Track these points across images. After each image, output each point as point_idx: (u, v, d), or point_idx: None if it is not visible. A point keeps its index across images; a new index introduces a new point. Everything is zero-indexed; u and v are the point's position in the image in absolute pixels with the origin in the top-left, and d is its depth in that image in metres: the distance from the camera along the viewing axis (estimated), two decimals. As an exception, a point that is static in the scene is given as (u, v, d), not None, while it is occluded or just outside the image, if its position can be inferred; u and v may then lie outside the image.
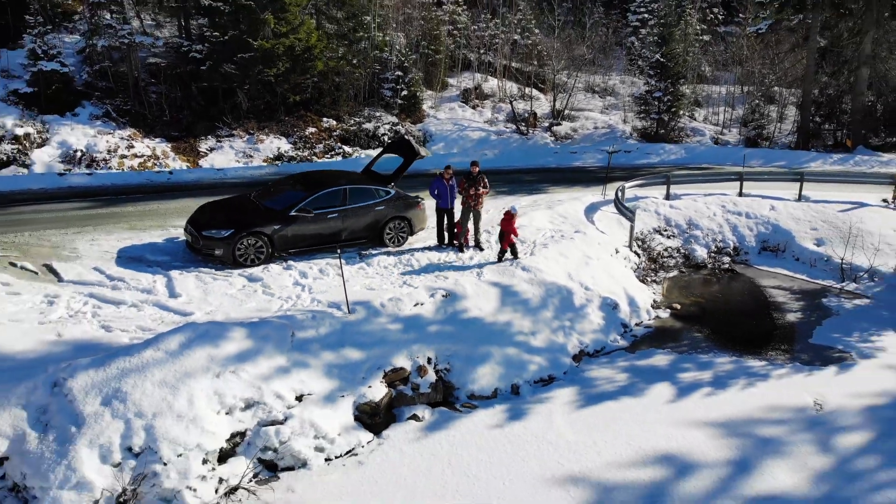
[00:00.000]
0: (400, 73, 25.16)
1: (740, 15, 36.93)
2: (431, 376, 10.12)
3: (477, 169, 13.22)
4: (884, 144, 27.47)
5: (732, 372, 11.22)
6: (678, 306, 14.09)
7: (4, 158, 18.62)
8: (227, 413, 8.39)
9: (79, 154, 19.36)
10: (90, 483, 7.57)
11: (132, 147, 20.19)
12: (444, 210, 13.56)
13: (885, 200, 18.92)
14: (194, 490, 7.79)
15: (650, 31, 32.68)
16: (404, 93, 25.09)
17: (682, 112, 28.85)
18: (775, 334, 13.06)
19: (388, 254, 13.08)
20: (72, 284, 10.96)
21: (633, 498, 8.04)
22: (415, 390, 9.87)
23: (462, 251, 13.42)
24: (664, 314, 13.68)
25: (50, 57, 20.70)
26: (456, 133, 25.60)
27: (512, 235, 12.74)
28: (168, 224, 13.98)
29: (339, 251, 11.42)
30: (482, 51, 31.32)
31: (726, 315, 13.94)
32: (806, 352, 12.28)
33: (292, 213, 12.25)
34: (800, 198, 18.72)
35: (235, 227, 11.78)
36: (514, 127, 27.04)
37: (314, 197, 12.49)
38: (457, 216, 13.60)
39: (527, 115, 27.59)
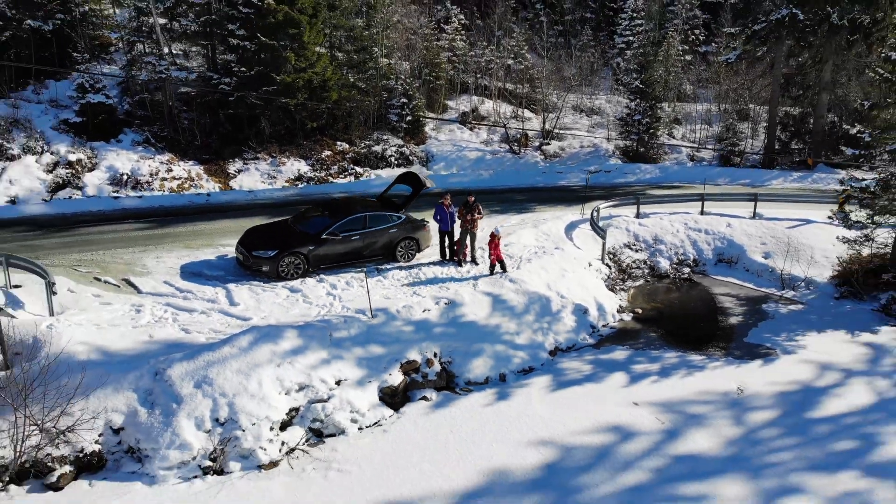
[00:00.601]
0: (405, 99, 27.97)
1: (715, 41, 39.79)
2: (437, 367, 12.92)
3: (472, 199, 16.03)
4: (842, 163, 30.30)
5: (676, 364, 14.04)
6: (640, 311, 16.91)
7: (60, 182, 21.39)
8: (286, 393, 11.21)
9: (125, 177, 22.12)
10: (190, 444, 10.39)
11: (171, 170, 22.98)
12: (445, 232, 16.38)
13: (830, 217, 21.70)
14: (265, 449, 10.60)
15: (634, 54, 35.48)
16: (409, 118, 27.90)
17: (660, 132, 31.67)
18: (718, 334, 15.90)
19: (401, 268, 15.88)
20: (150, 296, 13.76)
21: (587, 456, 10.86)
22: (424, 378, 12.68)
23: (461, 265, 16.21)
24: (627, 317, 16.51)
25: (96, 90, 23.48)
26: (455, 154, 28.41)
27: (497, 252, 15.52)
28: (216, 243, 16.78)
29: (365, 268, 14.23)
30: (479, 75, 34.13)
31: (680, 318, 16.77)
32: (740, 348, 15.11)
33: (323, 237, 15.06)
34: (754, 215, 21.52)
35: (279, 248, 14.60)
36: (507, 147, 29.87)
37: (340, 223, 15.31)
38: (456, 236, 16.40)
39: (519, 135, 30.43)
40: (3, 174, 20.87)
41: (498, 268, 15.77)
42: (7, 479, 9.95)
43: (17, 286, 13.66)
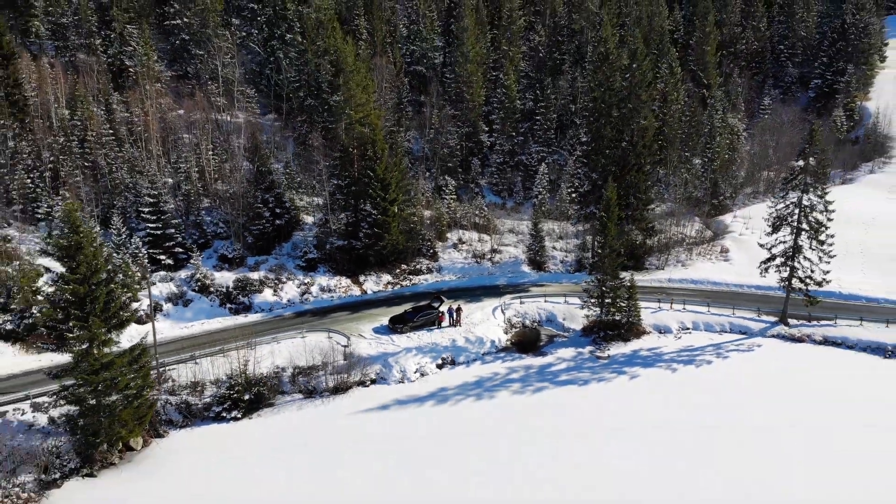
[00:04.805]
0: (429, 242, 63.26)
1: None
2: (450, 358, 48.61)
3: (458, 305, 51.59)
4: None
5: (517, 357, 49.65)
6: (513, 340, 52.48)
7: (303, 291, 56.44)
8: (415, 364, 46.85)
9: (324, 288, 57.17)
10: (395, 374, 46.22)
11: (340, 283, 58.14)
12: (451, 316, 51.92)
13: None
14: (412, 376, 46.21)
15: (537, 203, 70.79)
16: (431, 251, 63.18)
17: (546, 247, 66.96)
18: (534, 347, 51.49)
19: (438, 328, 51.40)
20: (370, 339, 49.28)
21: (487, 378, 46.29)
22: (447, 362, 48.33)
23: (455, 326, 51.66)
24: (508, 343, 52.07)
25: (309, 251, 58.57)
26: (451, 265, 63.75)
27: (459, 319, 51.05)
28: (377, 319, 52.18)
29: (427, 329, 49.88)
30: (462, 219, 69.42)
31: (526, 343, 52.29)
32: (539, 352, 50.69)
33: (415, 319, 50.64)
34: (565, 302, 57.04)
35: (403, 323, 50.24)
36: (475, 260, 65.15)
37: (420, 314, 50.96)
38: (454, 318, 51.84)
39: (480, 253, 65.75)
40: (283, 289, 55.98)
41: (458, 325, 51.26)
42: (353, 387, 45.27)
43: (330, 338, 48.96)
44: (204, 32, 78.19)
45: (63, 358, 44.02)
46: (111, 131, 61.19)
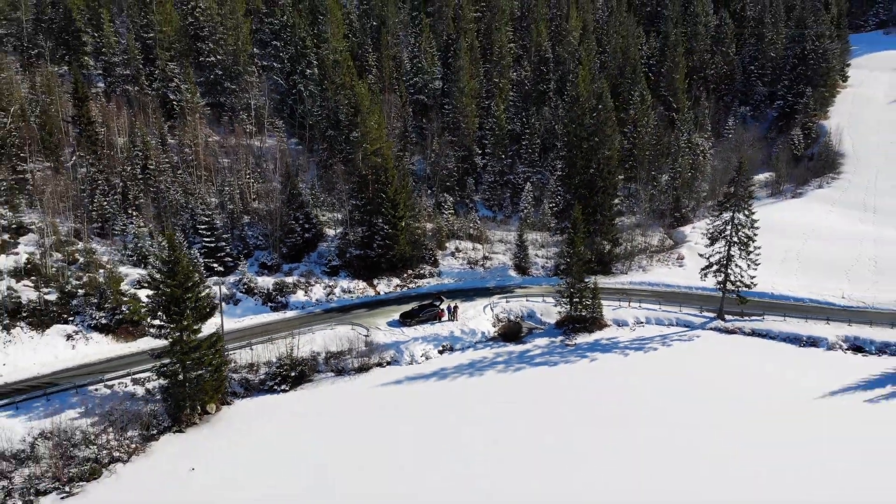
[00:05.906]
0: (431, 251, 75.79)
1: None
2: (449, 346, 61.26)
3: (456, 304, 64.24)
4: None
5: (502, 345, 62.32)
6: (500, 332, 65.11)
7: (332, 293, 69.02)
8: (421, 350, 59.51)
9: (344, 289, 69.74)
10: (406, 357, 58.89)
11: (358, 285, 70.74)
12: (449, 311, 64.56)
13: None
14: (419, 359, 58.92)
15: (523, 217, 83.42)
16: (431, 259, 75.70)
17: (529, 258, 79.52)
18: (516, 337, 64.14)
19: (439, 321, 64.03)
20: (385, 329, 61.97)
21: (478, 361, 58.96)
22: (447, 349, 60.99)
23: (453, 321, 64.29)
24: (496, 334, 64.70)
25: (332, 259, 71.12)
26: (450, 270, 76.30)
27: (456, 313, 63.80)
28: (390, 315, 64.85)
29: (430, 322, 62.59)
30: (459, 230, 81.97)
31: (509, 334, 64.91)
32: (520, 341, 63.36)
33: (420, 314, 63.32)
34: (543, 301, 69.65)
35: (411, 318, 62.92)
36: (469, 266, 77.70)
37: (425, 310, 63.63)
38: (452, 313, 64.52)
39: (473, 260, 78.25)
40: (313, 290, 68.58)
41: (455, 320, 63.96)
42: (373, 367, 57.93)
43: (353, 329, 61.65)
44: (235, 69, 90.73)
45: (148, 344, 56.74)
46: (167, 160, 73.67)
